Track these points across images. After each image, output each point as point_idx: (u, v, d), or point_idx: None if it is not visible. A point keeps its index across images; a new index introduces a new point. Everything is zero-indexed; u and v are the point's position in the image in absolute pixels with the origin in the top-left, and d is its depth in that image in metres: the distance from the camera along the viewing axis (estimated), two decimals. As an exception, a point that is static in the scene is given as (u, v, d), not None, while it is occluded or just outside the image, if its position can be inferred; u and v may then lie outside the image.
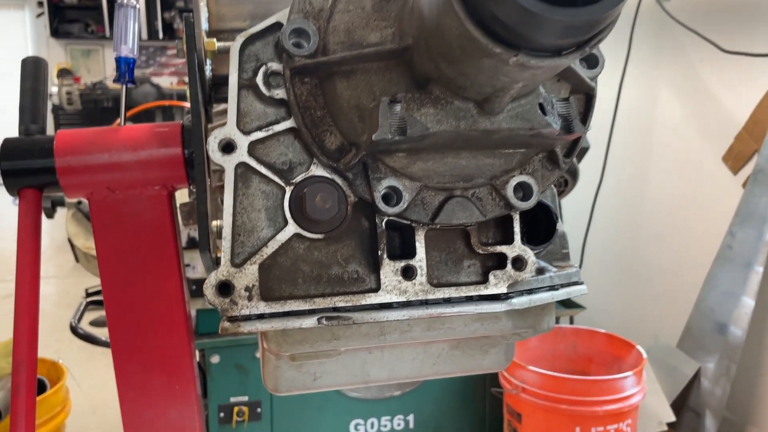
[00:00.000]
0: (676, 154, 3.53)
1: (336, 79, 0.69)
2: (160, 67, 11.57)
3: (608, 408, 2.41)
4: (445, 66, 0.58)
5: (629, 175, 3.86)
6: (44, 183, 0.99)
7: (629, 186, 3.87)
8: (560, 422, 2.47)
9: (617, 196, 3.93)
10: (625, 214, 3.90)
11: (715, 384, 2.98)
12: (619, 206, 3.92)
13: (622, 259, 3.93)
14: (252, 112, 0.73)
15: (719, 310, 3.03)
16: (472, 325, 0.83)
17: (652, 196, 3.72)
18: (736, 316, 2.94)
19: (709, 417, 2.96)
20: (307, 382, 0.96)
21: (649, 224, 3.71)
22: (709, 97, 3.32)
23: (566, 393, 2.43)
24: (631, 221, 3.87)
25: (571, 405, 2.43)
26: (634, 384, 2.49)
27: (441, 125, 0.62)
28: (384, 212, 0.70)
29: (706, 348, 3.06)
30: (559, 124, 0.66)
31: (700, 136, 3.39)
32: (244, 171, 0.72)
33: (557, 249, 0.98)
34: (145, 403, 1.15)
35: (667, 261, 3.56)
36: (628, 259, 3.88)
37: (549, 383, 2.47)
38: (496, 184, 0.73)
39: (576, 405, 2.43)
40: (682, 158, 3.49)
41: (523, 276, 0.76)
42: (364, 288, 0.74)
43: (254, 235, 0.72)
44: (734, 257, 3.00)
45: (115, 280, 1.08)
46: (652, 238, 3.70)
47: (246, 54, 0.73)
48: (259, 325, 0.69)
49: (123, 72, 1.12)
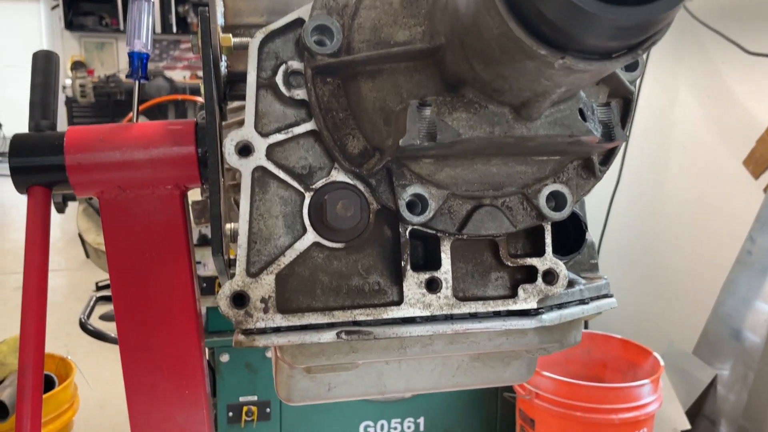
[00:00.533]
0: (695, 157, 3.47)
1: (360, 80, 0.65)
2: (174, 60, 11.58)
3: (624, 416, 2.36)
4: (481, 68, 0.54)
5: (646, 178, 3.80)
6: (54, 181, 0.97)
7: (646, 188, 3.81)
8: (574, 429, 2.42)
9: (634, 199, 3.87)
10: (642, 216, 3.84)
11: (732, 392, 2.92)
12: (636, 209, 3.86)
13: (638, 262, 3.87)
14: (271, 113, 0.69)
15: (737, 316, 2.97)
16: (497, 339, 0.79)
17: (669, 199, 3.65)
18: (755, 322, 2.87)
19: (725, 425, 2.90)
20: (322, 392, 0.93)
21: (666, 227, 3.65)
22: (730, 99, 3.25)
23: (581, 400, 2.38)
24: (648, 224, 3.81)
25: (586, 412, 2.39)
26: (650, 392, 2.44)
27: (474, 131, 0.58)
28: (409, 221, 0.66)
29: (722, 354, 3.00)
30: (599, 131, 0.61)
31: (720, 139, 3.32)
32: (261, 175, 0.68)
33: (585, 259, 0.94)
34: (154, 405, 1.13)
35: (684, 265, 3.49)
36: (644, 263, 3.82)
37: (563, 389, 2.43)
38: (528, 192, 0.68)
39: (591, 412, 2.38)
40: (701, 161, 3.42)
41: (555, 290, 0.72)
42: (386, 300, 0.70)
43: (271, 243, 0.68)
44: (754, 263, 2.94)
45: (125, 281, 1.05)
46: (669, 242, 3.63)
47: (265, 51, 0.69)
48: (275, 339, 0.66)
49: (136, 67, 1.09)
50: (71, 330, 4.23)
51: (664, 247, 3.68)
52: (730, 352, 2.98)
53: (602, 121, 0.62)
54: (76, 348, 4.12)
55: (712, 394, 2.96)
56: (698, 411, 3.00)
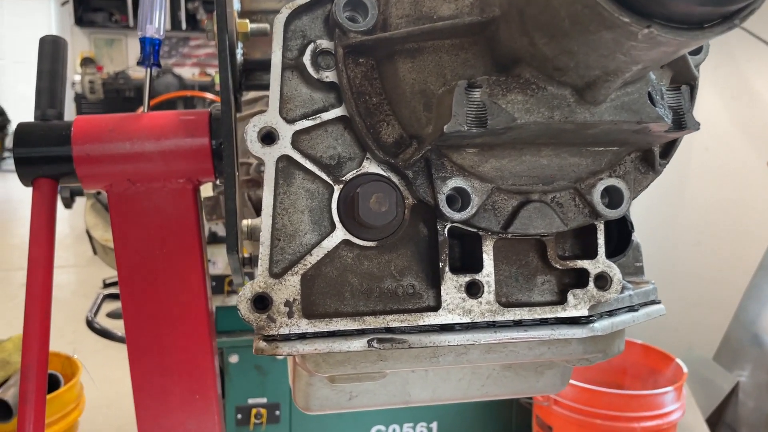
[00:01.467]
0: (717, 158, 3.39)
1: (398, 60, 0.58)
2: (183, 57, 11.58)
3: (646, 425, 2.29)
4: (543, 42, 0.47)
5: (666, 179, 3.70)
6: (60, 173, 0.92)
7: (667, 190, 3.73)
8: (594, 437, 2.35)
9: (654, 201, 3.79)
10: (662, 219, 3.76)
11: (754, 399, 2.84)
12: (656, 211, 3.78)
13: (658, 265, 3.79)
14: (296, 97, 0.62)
15: (760, 322, 2.89)
16: (538, 348, 0.73)
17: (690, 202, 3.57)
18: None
19: (747, 434, 2.82)
20: (342, 401, 0.87)
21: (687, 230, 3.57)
22: (754, 98, 3.17)
23: (602, 407, 2.31)
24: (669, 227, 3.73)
25: (607, 420, 2.31)
26: (674, 400, 2.36)
27: (531, 115, 0.51)
28: (449, 218, 0.59)
29: (744, 361, 2.92)
30: (670, 118, 0.54)
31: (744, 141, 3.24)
32: (286, 165, 0.62)
33: (630, 262, 0.87)
34: (163, 411, 1.08)
35: (706, 269, 3.42)
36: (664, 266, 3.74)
37: (583, 396, 2.35)
38: (581, 188, 0.61)
39: (612, 420, 2.31)
40: (724, 162, 3.34)
41: (608, 296, 0.65)
42: (422, 306, 0.63)
43: (296, 240, 0.62)
44: (778, 267, 2.86)
45: (134, 278, 1.00)
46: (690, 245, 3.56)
47: (291, 30, 0.63)
48: (300, 347, 0.59)
49: (148, 54, 1.03)
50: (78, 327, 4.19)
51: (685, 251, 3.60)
52: (752, 358, 2.90)
53: (672, 107, 0.56)
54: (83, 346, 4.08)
55: (733, 402, 2.88)
56: (719, 419, 2.92)
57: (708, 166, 3.46)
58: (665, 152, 0.64)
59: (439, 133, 0.54)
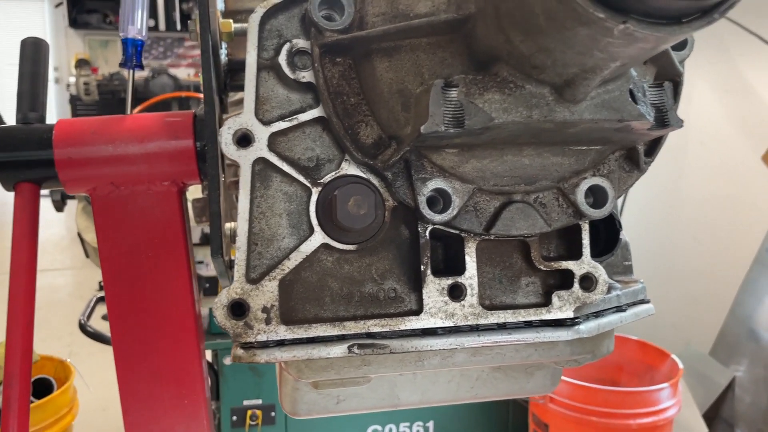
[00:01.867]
0: (713, 153, 3.38)
1: (375, 59, 0.57)
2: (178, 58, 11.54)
3: (642, 421, 2.28)
4: (519, 39, 0.46)
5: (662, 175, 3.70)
6: (42, 177, 0.90)
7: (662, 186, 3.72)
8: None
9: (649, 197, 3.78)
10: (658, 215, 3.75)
11: (750, 394, 2.83)
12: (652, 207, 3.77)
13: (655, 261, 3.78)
14: (273, 98, 0.61)
15: (756, 317, 2.88)
16: (525, 350, 0.71)
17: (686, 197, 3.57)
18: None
19: (744, 429, 2.82)
20: (330, 405, 0.86)
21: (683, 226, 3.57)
22: (749, 93, 3.16)
23: (598, 404, 2.30)
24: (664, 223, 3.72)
25: (603, 417, 2.30)
26: (669, 396, 2.35)
27: (509, 115, 0.50)
28: (429, 220, 0.58)
29: (740, 356, 2.92)
30: (652, 116, 0.53)
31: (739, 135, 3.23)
32: (262, 168, 0.61)
33: (618, 261, 0.86)
34: (151, 416, 1.06)
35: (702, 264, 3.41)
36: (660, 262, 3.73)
37: (579, 393, 2.34)
38: (564, 187, 0.60)
39: (608, 417, 2.30)
40: (719, 157, 3.33)
41: (593, 297, 0.64)
42: (404, 310, 0.62)
43: (274, 244, 0.60)
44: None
45: (119, 284, 0.98)
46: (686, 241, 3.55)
47: (267, 29, 0.62)
48: (278, 354, 0.58)
49: (130, 55, 1.02)
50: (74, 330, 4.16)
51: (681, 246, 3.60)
52: (748, 353, 2.89)
53: (654, 104, 0.54)
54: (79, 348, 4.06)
55: (729, 397, 2.87)
56: (716, 414, 2.92)
57: (703, 161, 3.45)
58: (650, 150, 0.63)
59: (417, 134, 0.52)
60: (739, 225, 3.21)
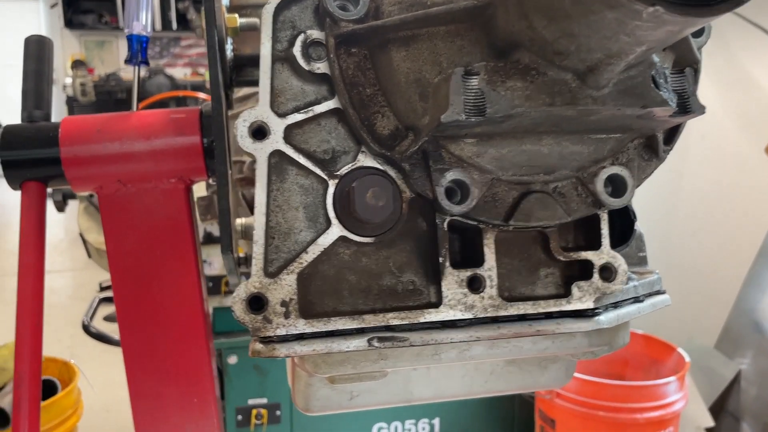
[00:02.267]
0: (715, 146, 3.37)
1: (391, 49, 0.56)
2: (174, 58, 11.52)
3: (649, 415, 2.28)
4: (543, 25, 0.45)
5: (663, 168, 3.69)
6: (49, 175, 0.90)
7: (664, 179, 3.71)
8: (597, 429, 2.33)
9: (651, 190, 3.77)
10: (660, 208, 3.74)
11: (756, 387, 2.83)
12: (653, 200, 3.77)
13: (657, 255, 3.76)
14: (288, 90, 0.60)
15: (760, 309, 2.88)
16: (542, 343, 0.71)
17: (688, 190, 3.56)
18: (778, 316, 2.79)
19: (750, 422, 2.82)
20: (343, 401, 0.86)
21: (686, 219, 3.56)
22: (750, 85, 3.15)
23: (605, 399, 2.30)
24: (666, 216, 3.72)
25: (610, 412, 2.30)
26: (676, 390, 2.35)
27: (531, 102, 0.49)
28: (448, 211, 0.57)
29: (745, 349, 2.91)
30: (674, 102, 0.53)
31: (741, 127, 3.22)
32: (278, 161, 0.60)
33: (633, 252, 0.85)
34: (161, 415, 1.06)
35: (705, 258, 3.40)
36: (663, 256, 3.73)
37: (586, 388, 2.34)
38: (584, 176, 0.59)
39: (615, 412, 2.30)
40: (721, 150, 3.33)
41: (613, 288, 0.63)
42: (423, 302, 0.62)
43: (291, 238, 0.59)
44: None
45: (127, 282, 0.98)
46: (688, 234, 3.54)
47: (280, 20, 0.61)
48: (298, 348, 0.57)
49: (135, 51, 1.01)
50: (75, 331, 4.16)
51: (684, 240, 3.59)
52: (753, 346, 2.89)
53: (676, 91, 0.54)
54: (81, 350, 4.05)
55: (735, 390, 2.87)
56: (722, 407, 2.92)
57: (705, 154, 3.44)
58: (668, 138, 0.63)
59: (436, 123, 0.52)
60: (742, 218, 3.20)
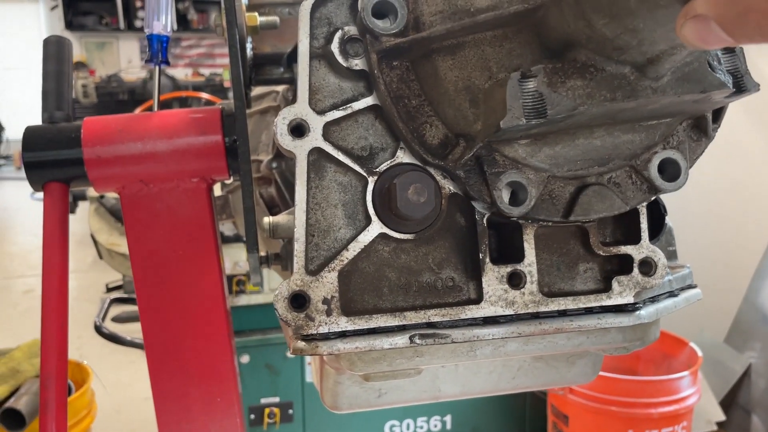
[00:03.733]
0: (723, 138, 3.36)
1: (436, 59, 0.56)
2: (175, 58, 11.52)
3: (663, 410, 2.27)
4: (603, 23, 0.45)
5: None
6: (71, 176, 0.90)
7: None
8: (611, 425, 2.33)
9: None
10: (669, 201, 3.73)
11: (766, 380, 2.83)
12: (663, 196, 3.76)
13: (663, 249, 3.77)
14: (325, 87, 0.60)
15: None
16: (577, 338, 0.71)
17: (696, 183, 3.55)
18: (789, 309, 2.78)
19: (761, 415, 2.81)
20: (371, 399, 0.85)
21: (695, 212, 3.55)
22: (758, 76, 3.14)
23: (618, 394, 2.30)
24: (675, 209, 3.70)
25: (623, 407, 2.30)
26: (690, 384, 2.35)
27: (593, 99, 0.49)
28: (509, 214, 0.57)
29: (756, 343, 2.91)
30: (731, 83, 0.52)
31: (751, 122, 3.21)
32: (316, 159, 0.60)
33: (663, 246, 0.84)
34: (185, 416, 1.06)
35: (714, 251, 3.40)
36: (669, 250, 3.72)
37: (599, 383, 2.34)
38: (637, 164, 0.59)
39: (628, 407, 2.30)
40: (730, 142, 3.32)
41: (653, 282, 0.63)
42: (463, 299, 0.61)
43: (330, 235, 0.59)
44: (787, 247, 2.84)
45: (150, 282, 0.98)
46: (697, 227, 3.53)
47: (317, 17, 0.60)
48: (340, 345, 0.57)
49: (156, 51, 1.01)
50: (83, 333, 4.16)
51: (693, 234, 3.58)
52: (763, 339, 2.89)
53: (730, 71, 0.54)
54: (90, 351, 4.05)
55: (746, 384, 2.87)
56: (732, 401, 2.91)
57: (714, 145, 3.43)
58: (716, 116, 0.62)
59: (494, 129, 0.51)
60: (751, 211, 3.19)
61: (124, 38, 11.69)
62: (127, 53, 11.73)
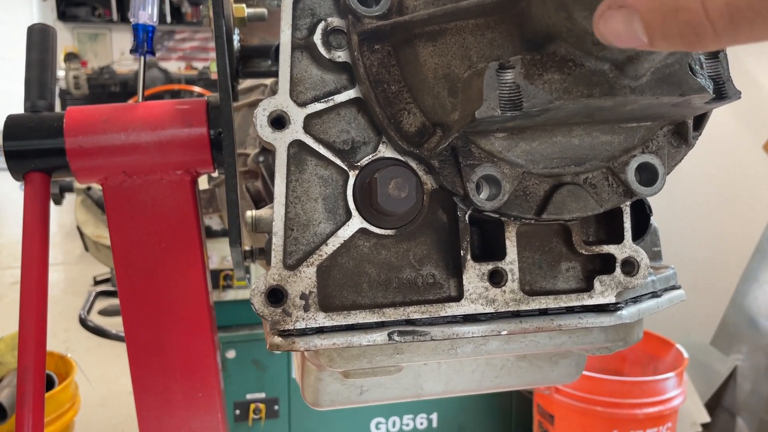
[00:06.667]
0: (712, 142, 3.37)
1: (418, 44, 0.55)
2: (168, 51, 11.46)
3: (648, 411, 2.28)
4: (584, 16, 0.44)
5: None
6: (53, 166, 0.88)
7: (659, 175, 3.71)
8: (596, 425, 2.34)
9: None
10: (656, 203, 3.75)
11: (751, 383, 2.84)
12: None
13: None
14: (307, 78, 0.59)
15: (756, 306, 2.89)
16: (559, 338, 0.70)
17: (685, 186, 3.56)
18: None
19: (745, 418, 2.83)
20: (353, 396, 0.85)
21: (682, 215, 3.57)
22: (748, 80, 3.15)
23: (603, 394, 2.30)
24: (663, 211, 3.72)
25: (609, 407, 2.30)
26: (675, 386, 2.36)
27: (569, 95, 0.48)
28: (480, 207, 0.56)
29: (742, 345, 2.93)
30: (711, 88, 0.52)
31: (738, 123, 3.23)
32: (297, 151, 0.59)
33: (648, 246, 0.84)
34: (165, 410, 1.05)
35: (701, 254, 3.41)
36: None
37: (585, 384, 2.34)
38: (614, 166, 0.59)
39: (614, 407, 2.30)
40: (719, 146, 3.33)
41: (635, 282, 0.62)
42: (443, 296, 0.61)
43: (310, 230, 0.58)
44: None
45: (132, 274, 0.96)
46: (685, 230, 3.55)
47: (300, 8, 0.59)
48: (317, 342, 0.56)
49: (141, 41, 0.99)
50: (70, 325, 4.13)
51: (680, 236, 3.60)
52: (749, 342, 2.90)
53: (711, 77, 0.53)
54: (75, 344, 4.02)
55: (731, 386, 2.88)
56: (717, 403, 2.93)
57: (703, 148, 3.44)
58: (697, 124, 0.62)
59: (469, 119, 0.50)
60: (739, 214, 3.21)
61: (117, 30, 11.61)
62: (120, 45, 11.65)
